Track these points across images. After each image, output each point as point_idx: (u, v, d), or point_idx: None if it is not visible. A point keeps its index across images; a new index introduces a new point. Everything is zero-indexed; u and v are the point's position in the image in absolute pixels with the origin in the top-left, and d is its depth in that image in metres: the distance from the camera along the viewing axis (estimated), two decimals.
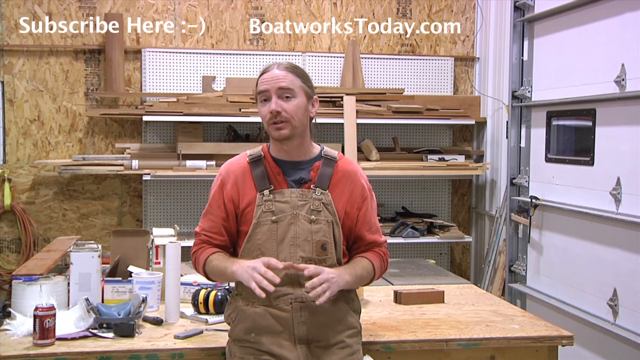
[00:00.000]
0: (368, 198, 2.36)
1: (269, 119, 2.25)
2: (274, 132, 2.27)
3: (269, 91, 2.25)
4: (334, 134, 5.38)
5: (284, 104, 2.24)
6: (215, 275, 2.35)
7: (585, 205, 4.07)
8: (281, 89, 2.24)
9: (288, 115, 2.23)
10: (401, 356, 2.47)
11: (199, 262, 2.36)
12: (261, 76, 2.29)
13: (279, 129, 2.25)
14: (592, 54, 4.08)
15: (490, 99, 5.65)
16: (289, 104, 2.24)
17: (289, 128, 2.25)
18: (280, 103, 2.23)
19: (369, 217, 2.36)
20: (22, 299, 2.62)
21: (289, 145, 2.29)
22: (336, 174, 2.32)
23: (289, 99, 2.25)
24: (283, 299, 2.24)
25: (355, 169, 2.39)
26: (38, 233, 5.34)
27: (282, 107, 2.23)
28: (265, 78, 2.27)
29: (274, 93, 2.24)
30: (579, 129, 4.35)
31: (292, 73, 2.27)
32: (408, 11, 5.76)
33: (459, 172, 5.42)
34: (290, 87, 2.25)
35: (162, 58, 5.38)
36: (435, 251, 5.77)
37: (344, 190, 2.32)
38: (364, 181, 2.37)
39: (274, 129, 2.26)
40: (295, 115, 2.25)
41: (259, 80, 2.30)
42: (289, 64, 2.31)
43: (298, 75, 2.28)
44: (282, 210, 2.26)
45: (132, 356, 2.33)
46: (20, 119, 5.32)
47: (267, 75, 2.28)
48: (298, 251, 2.25)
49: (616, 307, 3.79)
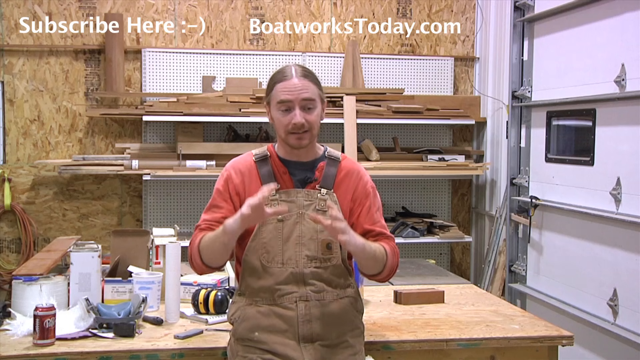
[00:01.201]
0: (371, 195, 2.36)
1: (290, 129, 2.25)
2: (293, 142, 2.28)
3: (292, 102, 2.25)
4: (334, 134, 5.38)
5: (307, 116, 2.26)
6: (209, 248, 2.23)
7: (585, 205, 4.07)
8: (305, 100, 2.25)
9: (310, 125, 2.26)
10: (401, 356, 2.47)
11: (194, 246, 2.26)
12: (279, 83, 2.27)
13: (299, 139, 2.27)
14: (592, 54, 4.08)
15: (490, 99, 5.64)
16: (311, 115, 2.27)
17: (309, 138, 2.28)
18: (304, 115, 2.25)
19: (372, 213, 2.35)
20: (22, 299, 2.62)
21: (301, 150, 2.32)
22: (340, 174, 2.34)
23: (311, 110, 2.27)
24: (287, 297, 2.24)
25: (359, 168, 2.41)
26: (38, 233, 5.34)
27: (306, 118, 2.25)
28: (287, 87, 2.25)
29: (298, 104, 2.25)
30: (579, 129, 4.35)
31: (311, 81, 2.29)
32: (408, 11, 5.76)
33: (459, 172, 5.42)
34: (313, 97, 2.27)
35: (162, 58, 5.38)
36: (435, 251, 5.77)
37: (348, 189, 2.34)
38: (367, 179, 2.39)
39: (294, 139, 2.27)
40: (315, 125, 2.29)
41: (276, 87, 2.27)
42: (303, 69, 2.31)
43: (315, 83, 2.30)
44: (288, 209, 2.26)
45: (132, 356, 2.33)
46: (20, 119, 5.32)
47: (288, 84, 2.26)
48: (303, 250, 2.26)
49: (616, 307, 3.79)
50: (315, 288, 2.26)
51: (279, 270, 2.25)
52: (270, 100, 2.31)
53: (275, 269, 2.26)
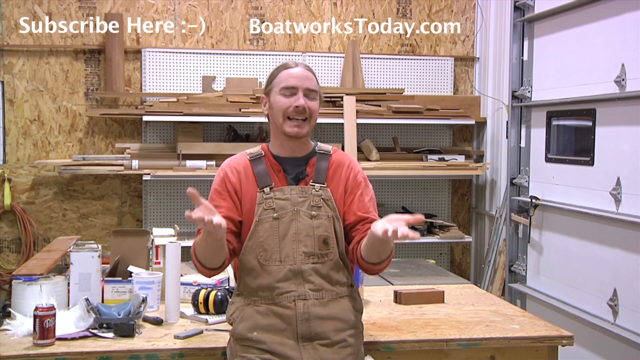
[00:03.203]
0: (362, 185, 2.38)
1: (292, 111, 2.29)
2: (290, 129, 2.30)
3: (297, 88, 2.31)
4: (334, 134, 5.38)
5: (310, 102, 2.32)
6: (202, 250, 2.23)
7: (585, 205, 4.07)
8: (309, 89, 2.32)
9: (310, 113, 2.32)
10: (401, 356, 2.47)
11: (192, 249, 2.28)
12: (284, 70, 2.34)
13: (297, 126, 2.30)
14: (592, 54, 4.08)
15: (490, 99, 5.65)
16: (313, 104, 2.33)
17: (307, 127, 2.32)
18: (307, 101, 2.31)
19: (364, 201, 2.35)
20: (22, 299, 2.62)
21: (296, 142, 2.34)
22: (331, 167, 2.37)
23: (313, 100, 2.33)
24: (286, 296, 2.24)
25: (349, 159, 2.44)
26: (38, 233, 5.34)
27: (308, 105, 2.31)
28: (293, 74, 2.32)
29: (302, 91, 2.31)
30: (579, 129, 4.35)
31: (314, 75, 2.38)
32: (408, 11, 5.76)
33: (459, 172, 5.42)
34: (316, 89, 2.35)
35: (162, 58, 5.38)
36: (435, 251, 5.77)
37: (340, 181, 2.36)
38: (357, 170, 2.41)
39: (292, 125, 2.30)
40: (315, 115, 2.35)
41: (281, 74, 2.33)
42: (306, 65, 2.40)
43: (316, 78, 2.39)
44: (283, 207, 2.28)
45: (132, 356, 2.33)
46: (20, 119, 5.32)
47: (294, 71, 2.33)
48: (300, 246, 2.27)
49: (616, 307, 3.79)
50: (314, 286, 2.25)
51: (277, 268, 2.25)
52: (272, 87, 2.35)
53: (273, 267, 2.26)
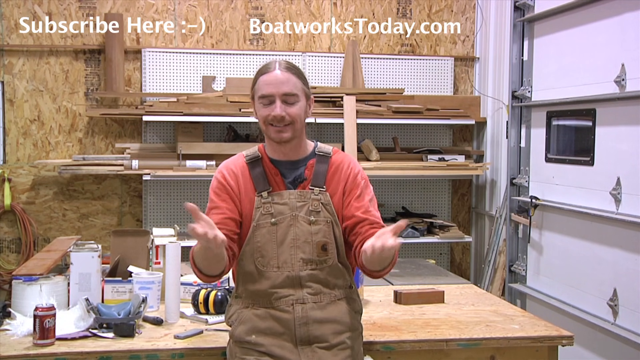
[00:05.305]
0: (362, 185, 2.31)
1: (270, 120, 2.24)
2: (274, 135, 2.26)
3: (273, 95, 2.23)
4: (334, 134, 5.38)
5: (289, 109, 2.23)
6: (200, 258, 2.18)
7: (585, 205, 4.07)
8: (286, 94, 2.23)
9: (291, 119, 2.24)
10: (401, 356, 2.47)
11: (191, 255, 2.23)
12: (261, 76, 2.26)
13: (280, 132, 2.24)
14: (592, 54, 4.08)
15: (490, 99, 5.64)
16: (292, 109, 2.24)
17: (290, 131, 2.25)
18: (285, 108, 2.23)
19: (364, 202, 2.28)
20: (22, 299, 2.62)
21: (287, 146, 2.29)
22: (330, 169, 2.32)
23: (293, 104, 2.25)
24: (284, 300, 2.23)
25: (349, 160, 2.37)
26: (38, 233, 5.34)
27: (287, 111, 2.23)
28: (267, 80, 2.24)
29: (279, 98, 2.23)
30: (579, 129, 4.35)
31: (294, 75, 2.26)
32: (408, 11, 5.76)
33: (459, 172, 5.42)
34: (294, 92, 2.24)
35: (162, 58, 5.38)
36: (435, 251, 5.77)
37: (339, 182, 2.31)
38: (357, 171, 2.34)
39: (274, 132, 2.25)
40: (297, 119, 2.25)
41: (259, 81, 2.27)
42: (287, 63, 2.30)
43: (299, 77, 2.28)
44: (281, 212, 2.25)
45: (132, 356, 2.33)
46: (20, 119, 5.32)
47: (269, 77, 2.25)
48: (298, 253, 2.24)
49: (616, 307, 3.79)
50: (312, 290, 2.24)
51: (275, 274, 2.23)
52: (254, 93, 2.30)
53: (271, 273, 2.24)
